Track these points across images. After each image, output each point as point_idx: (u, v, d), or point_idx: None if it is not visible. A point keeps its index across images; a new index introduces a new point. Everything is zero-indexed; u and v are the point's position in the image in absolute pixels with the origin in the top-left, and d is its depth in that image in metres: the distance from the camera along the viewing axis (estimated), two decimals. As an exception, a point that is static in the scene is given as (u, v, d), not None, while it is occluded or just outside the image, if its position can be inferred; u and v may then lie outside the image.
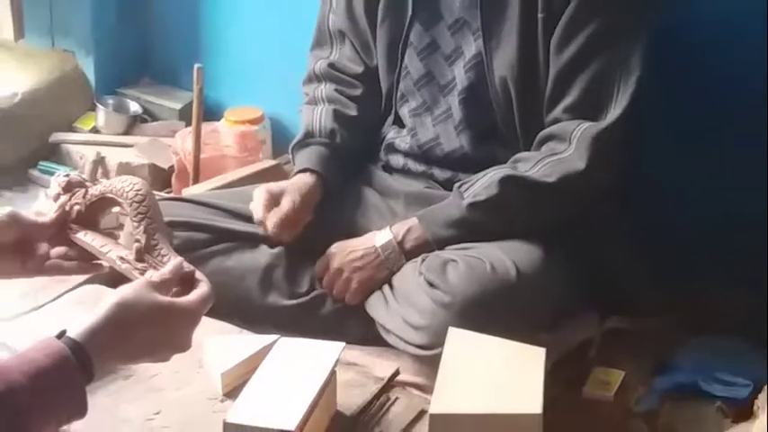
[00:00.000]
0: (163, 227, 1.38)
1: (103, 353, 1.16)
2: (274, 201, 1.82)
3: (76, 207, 1.41)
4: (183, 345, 1.28)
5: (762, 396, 1.54)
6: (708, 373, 1.75)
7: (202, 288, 1.31)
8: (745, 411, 1.60)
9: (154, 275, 1.26)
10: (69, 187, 1.42)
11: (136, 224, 1.34)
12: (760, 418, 1.44)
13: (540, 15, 1.74)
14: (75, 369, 1.14)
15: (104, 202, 1.42)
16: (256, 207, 1.82)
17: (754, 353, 1.75)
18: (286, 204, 1.81)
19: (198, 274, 1.33)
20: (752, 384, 1.66)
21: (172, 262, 1.31)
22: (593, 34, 1.71)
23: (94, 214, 1.44)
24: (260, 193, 1.83)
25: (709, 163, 1.98)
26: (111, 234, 1.44)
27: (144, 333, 1.21)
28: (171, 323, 1.24)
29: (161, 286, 1.25)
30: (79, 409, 1.15)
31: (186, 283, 1.31)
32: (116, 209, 1.50)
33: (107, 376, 1.31)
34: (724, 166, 1.97)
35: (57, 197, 1.44)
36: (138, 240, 1.34)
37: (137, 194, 1.36)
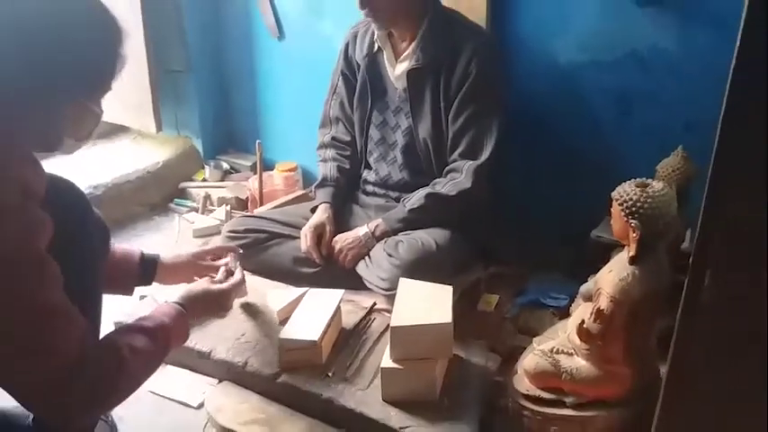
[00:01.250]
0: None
1: (189, 310, 1.24)
2: (319, 235, 1.80)
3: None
4: (224, 307, 1.39)
5: (573, 305, 1.50)
6: (545, 293, 1.76)
7: (235, 278, 1.42)
8: (565, 313, 1.57)
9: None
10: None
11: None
12: (572, 316, 1.44)
13: (441, 104, 1.73)
14: (185, 316, 1.20)
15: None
16: (306, 244, 1.78)
17: (568, 280, 1.69)
18: (328, 234, 1.80)
19: (237, 271, 1.46)
20: (568, 298, 1.66)
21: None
22: (470, 113, 1.70)
23: None
24: (309, 234, 1.78)
25: (540, 179, 1.96)
26: None
27: (202, 301, 1.30)
28: (213, 297, 1.35)
29: (214, 281, 1.37)
30: (186, 338, 1.26)
31: (230, 274, 1.43)
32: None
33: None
34: (546, 181, 1.95)
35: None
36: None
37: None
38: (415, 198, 1.76)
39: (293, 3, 2.31)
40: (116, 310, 1.56)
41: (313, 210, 1.89)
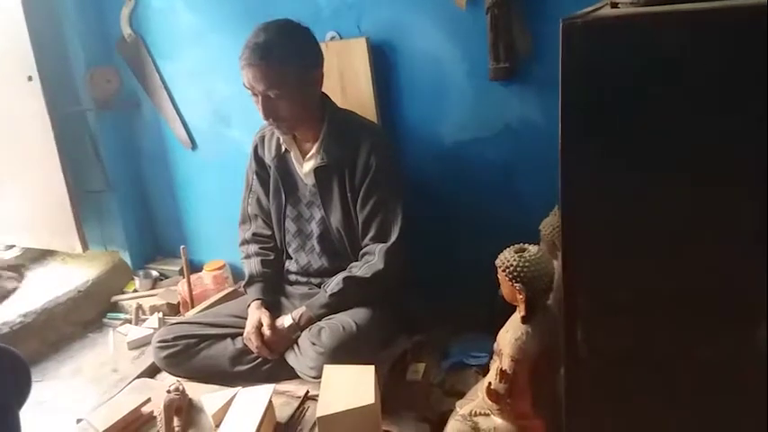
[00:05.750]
0: None
1: None
2: (258, 329, 1.75)
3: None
4: None
5: (491, 361, 1.54)
6: (467, 354, 1.78)
7: None
8: (487, 370, 1.56)
9: None
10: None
11: None
12: (491, 369, 1.41)
13: (348, 195, 1.78)
14: None
15: None
16: (255, 345, 1.74)
17: (486, 337, 1.69)
18: (266, 330, 1.74)
19: None
20: (488, 355, 1.68)
21: None
22: (375, 201, 1.76)
23: None
24: (253, 337, 1.73)
25: (445, 246, 2.02)
26: None
27: None
28: None
29: None
30: None
31: None
32: None
33: None
34: (452, 247, 2.01)
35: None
36: None
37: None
38: (334, 283, 1.77)
39: (201, 115, 2.38)
40: None
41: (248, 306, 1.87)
